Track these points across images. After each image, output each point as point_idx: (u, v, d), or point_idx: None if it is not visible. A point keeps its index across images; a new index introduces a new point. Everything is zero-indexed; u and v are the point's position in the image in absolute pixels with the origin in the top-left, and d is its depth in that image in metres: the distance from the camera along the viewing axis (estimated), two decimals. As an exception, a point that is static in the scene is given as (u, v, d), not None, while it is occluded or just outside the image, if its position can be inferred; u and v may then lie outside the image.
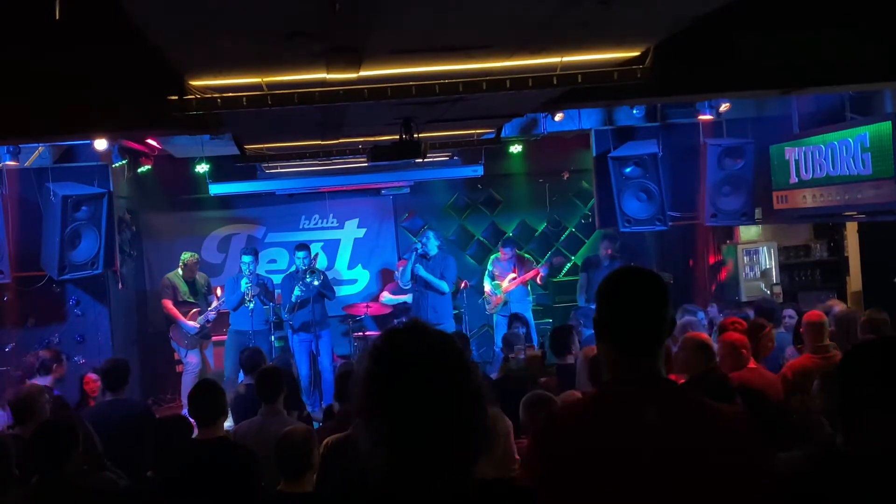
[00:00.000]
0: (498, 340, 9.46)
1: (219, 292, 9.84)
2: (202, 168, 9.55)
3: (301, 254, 9.37)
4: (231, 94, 4.42)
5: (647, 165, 8.97)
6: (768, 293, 9.46)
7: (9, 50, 4.73)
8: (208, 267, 10.67)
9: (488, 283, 10.22)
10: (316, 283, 9.26)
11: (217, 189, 9.90)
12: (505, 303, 9.99)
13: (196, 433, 4.59)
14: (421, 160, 6.17)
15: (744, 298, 9.50)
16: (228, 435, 4.61)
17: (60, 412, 5.54)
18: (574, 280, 10.88)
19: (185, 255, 9.68)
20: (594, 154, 9.37)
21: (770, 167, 8.85)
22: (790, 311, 7.45)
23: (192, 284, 9.63)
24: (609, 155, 9.09)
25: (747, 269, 9.75)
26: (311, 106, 4.57)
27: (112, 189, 8.58)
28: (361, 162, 8.80)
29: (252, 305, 9.16)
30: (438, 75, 4.46)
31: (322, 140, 7.01)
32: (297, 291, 9.28)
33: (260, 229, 11.46)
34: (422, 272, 9.54)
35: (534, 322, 9.87)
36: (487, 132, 7.68)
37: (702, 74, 5.43)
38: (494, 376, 6.86)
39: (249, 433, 5.04)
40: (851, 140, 7.43)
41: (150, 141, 8.83)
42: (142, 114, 5.16)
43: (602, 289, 2.17)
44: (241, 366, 7.01)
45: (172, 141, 8.43)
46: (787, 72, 5.44)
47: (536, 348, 8.50)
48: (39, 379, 6.61)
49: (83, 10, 3.79)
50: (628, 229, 9.20)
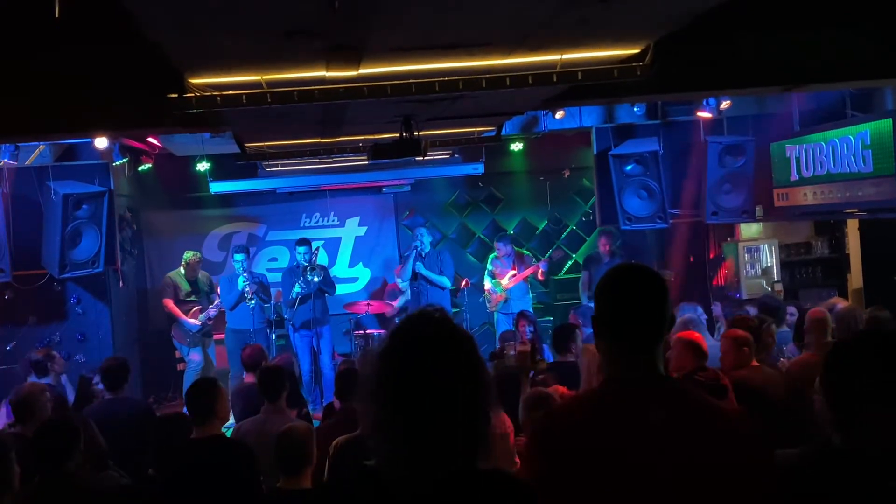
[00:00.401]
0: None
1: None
2: (203, 166, 9.55)
3: (302, 249, 9.31)
4: (231, 92, 4.42)
5: (648, 163, 8.97)
6: (769, 290, 9.46)
7: (9, 49, 4.72)
8: (209, 265, 10.65)
9: (488, 282, 10.22)
10: (316, 280, 9.22)
11: (218, 187, 9.92)
12: (506, 300, 9.99)
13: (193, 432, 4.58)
14: (421, 158, 6.18)
15: (745, 296, 9.49)
16: (223, 433, 4.59)
17: (63, 411, 5.54)
18: (575, 277, 10.89)
19: (188, 254, 9.68)
20: (595, 152, 9.37)
21: (771, 164, 8.85)
22: (791, 309, 7.45)
23: (195, 283, 9.63)
24: (610, 152, 9.10)
25: (748, 267, 9.74)
26: (311, 104, 4.57)
27: (113, 187, 8.60)
28: (362, 160, 8.80)
29: (253, 304, 9.15)
30: (438, 73, 4.46)
31: (322, 138, 7.01)
32: (298, 288, 9.25)
33: (261, 227, 11.44)
34: (422, 270, 9.58)
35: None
36: (488, 130, 7.67)
37: (702, 71, 5.42)
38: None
39: (252, 431, 5.04)
40: (852, 137, 7.42)
41: (151, 139, 8.82)
42: (142, 112, 5.16)
43: (601, 286, 2.15)
44: (242, 363, 7.00)
45: (173, 139, 8.42)
46: (788, 70, 5.43)
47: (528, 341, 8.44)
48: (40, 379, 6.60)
49: (83, 10, 3.78)
50: (629, 227, 9.20)
